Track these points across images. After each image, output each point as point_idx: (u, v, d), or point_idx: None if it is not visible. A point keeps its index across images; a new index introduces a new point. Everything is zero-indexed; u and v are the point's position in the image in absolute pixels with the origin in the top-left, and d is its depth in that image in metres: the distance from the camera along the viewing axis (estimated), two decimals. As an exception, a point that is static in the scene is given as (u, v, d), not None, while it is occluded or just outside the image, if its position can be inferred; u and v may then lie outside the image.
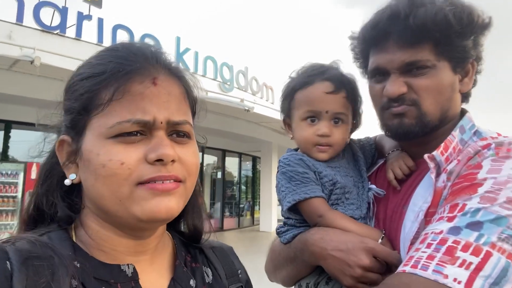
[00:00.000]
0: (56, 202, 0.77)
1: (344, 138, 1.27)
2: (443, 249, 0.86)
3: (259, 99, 13.95)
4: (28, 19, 8.74)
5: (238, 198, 19.80)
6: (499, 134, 1.09)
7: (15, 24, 8.55)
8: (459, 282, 0.80)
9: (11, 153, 10.60)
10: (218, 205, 17.86)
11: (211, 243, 0.97)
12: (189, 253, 0.91)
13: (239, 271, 0.97)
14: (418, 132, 1.11)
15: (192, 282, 0.83)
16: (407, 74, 1.10)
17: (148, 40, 8.97)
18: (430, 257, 0.86)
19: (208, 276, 0.88)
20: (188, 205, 0.84)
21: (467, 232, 0.87)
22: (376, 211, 1.22)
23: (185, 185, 0.75)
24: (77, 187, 0.77)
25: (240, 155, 19.57)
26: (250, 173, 21.79)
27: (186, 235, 0.93)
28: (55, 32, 9.13)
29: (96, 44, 9.62)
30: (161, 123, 0.72)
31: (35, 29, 8.80)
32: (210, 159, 18.40)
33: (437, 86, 1.09)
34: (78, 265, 0.68)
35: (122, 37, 9.94)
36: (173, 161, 0.71)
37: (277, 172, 1.26)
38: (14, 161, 10.04)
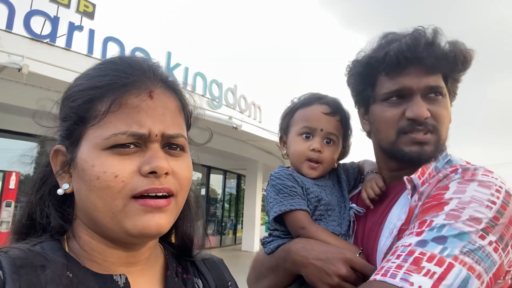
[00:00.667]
0: (49, 212, 0.76)
1: (333, 158, 1.37)
2: (411, 259, 0.93)
3: (247, 117, 14.02)
4: (18, 26, 8.70)
5: (221, 216, 19.60)
6: (467, 163, 1.19)
7: (4, 31, 8.50)
8: None
9: (-10, 161, 10.34)
10: (200, 222, 17.58)
11: (202, 255, 0.98)
12: (180, 264, 0.91)
13: (229, 283, 0.98)
14: (435, 158, 1.20)
15: None
16: (425, 99, 1.18)
17: (138, 54, 8.97)
18: (399, 267, 0.93)
19: (199, 287, 0.89)
20: (179, 219, 0.84)
21: (432, 245, 0.94)
22: (356, 229, 1.30)
23: (176, 200, 0.75)
24: (69, 197, 0.77)
25: (225, 172, 19.48)
26: (234, 191, 21.65)
27: (175, 247, 0.93)
28: (45, 41, 9.09)
29: (86, 55, 9.60)
30: (156, 136, 0.72)
31: (24, 37, 8.74)
32: (194, 175, 18.06)
33: (447, 115, 1.21)
34: (71, 275, 0.68)
35: (113, 49, 9.95)
36: (166, 173, 0.72)
37: (267, 185, 1.35)
38: (-8, 169, 9.79)
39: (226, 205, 20.82)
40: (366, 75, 1.29)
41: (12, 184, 9.31)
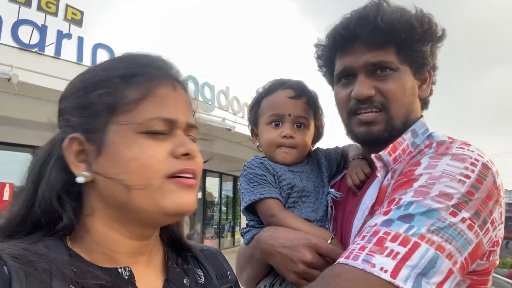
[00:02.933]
0: (59, 209, 0.74)
1: (307, 142, 1.35)
2: (374, 240, 0.88)
3: (240, 119, 13.99)
4: (6, 36, 8.61)
5: (218, 219, 19.54)
6: (450, 138, 1.10)
7: (-8, 41, 8.41)
8: (385, 271, 0.82)
9: (-17, 173, 10.23)
10: (198, 226, 17.58)
11: (200, 246, 1.01)
12: (180, 255, 0.94)
13: (228, 272, 1.01)
14: (387, 137, 1.14)
15: (186, 281, 0.86)
16: (373, 77, 1.13)
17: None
18: (362, 248, 0.88)
19: (200, 277, 0.91)
20: None
21: (398, 224, 0.89)
22: (335, 214, 1.27)
23: (197, 182, 0.81)
24: (78, 191, 0.77)
25: (220, 175, 19.43)
26: (230, 194, 21.60)
27: (170, 241, 0.95)
28: (34, 50, 9.01)
29: (75, 63, 9.52)
30: (182, 123, 0.79)
31: (12, 47, 8.66)
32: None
33: (402, 90, 1.13)
34: (75, 270, 0.69)
35: (102, 56, 9.88)
36: (193, 157, 0.78)
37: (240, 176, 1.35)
38: (-14, 181, 9.68)
39: (223, 208, 20.77)
40: (326, 58, 1.28)
41: (6, 196, 9.20)
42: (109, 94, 0.76)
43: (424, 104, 1.26)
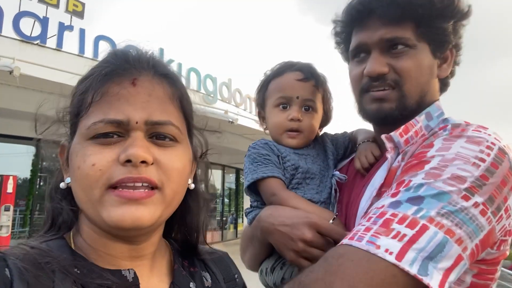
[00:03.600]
0: (61, 206, 0.77)
1: (314, 126, 1.32)
2: (380, 221, 0.84)
3: (243, 111, 13.98)
4: (8, 29, 8.59)
5: (221, 211, 19.63)
6: (467, 123, 1.03)
7: (-6, 33, 8.40)
8: (391, 253, 0.78)
9: (-13, 165, 10.28)
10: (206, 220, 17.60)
11: (207, 249, 0.97)
12: (186, 258, 0.90)
13: (236, 276, 0.97)
14: (398, 116, 1.09)
15: (192, 285, 0.83)
16: (387, 54, 1.09)
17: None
18: (367, 229, 0.84)
19: (207, 280, 0.88)
20: (180, 213, 0.83)
21: (406, 206, 0.85)
22: (341, 196, 1.23)
23: (163, 193, 0.71)
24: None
25: (223, 167, 19.47)
26: (233, 186, 21.65)
27: (180, 243, 0.93)
28: (35, 42, 8.99)
29: (77, 55, 9.50)
30: (136, 123, 0.70)
31: (14, 39, 8.64)
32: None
33: (418, 68, 1.08)
34: (78, 271, 0.67)
35: (104, 48, 9.85)
36: (145, 163, 0.68)
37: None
38: (-10, 174, 9.74)
39: (226, 200, 20.84)
40: (343, 35, 1.23)
41: (10, 188, 9.25)
42: (75, 101, 0.74)
43: (444, 85, 1.20)
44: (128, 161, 0.67)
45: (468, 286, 0.95)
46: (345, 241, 0.86)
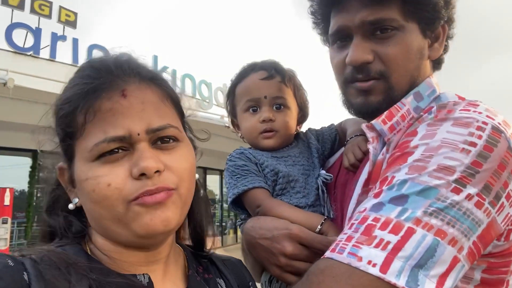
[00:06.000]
0: (65, 220, 0.76)
1: (289, 123, 1.25)
2: (362, 228, 0.75)
3: (239, 116, 13.98)
4: (0, 41, 8.58)
5: (220, 216, 19.57)
6: (461, 98, 0.92)
7: (-14, 46, 8.38)
8: (374, 265, 0.69)
9: (-17, 178, 10.20)
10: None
11: (221, 256, 0.97)
12: (201, 264, 0.90)
13: (250, 283, 0.96)
14: (385, 109, 0.97)
15: None
16: (372, 38, 0.96)
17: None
18: (349, 239, 0.75)
19: (221, 287, 0.87)
20: (190, 210, 0.83)
21: (389, 208, 0.75)
22: (336, 195, 1.15)
23: (179, 192, 0.72)
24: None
25: (221, 172, 19.43)
26: (231, 190, 21.59)
27: (192, 244, 0.93)
28: (29, 53, 8.97)
29: (71, 65, 9.49)
30: (138, 134, 0.69)
31: (7, 51, 8.62)
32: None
33: (406, 53, 0.95)
34: (94, 276, 0.67)
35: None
36: (158, 172, 0.69)
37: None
38: (-14, 186, 9.66)
39: (225, 205, 20.78)
40: (321, 14, 1.09)
41: (7, 201, 9.18)
42: (63, 121, 0.72)
43: (437, 64, 1.07)
44: (142, 174, 0.67)
45: (478, 283, 0.86)
46: (327, 253, 0.77)
